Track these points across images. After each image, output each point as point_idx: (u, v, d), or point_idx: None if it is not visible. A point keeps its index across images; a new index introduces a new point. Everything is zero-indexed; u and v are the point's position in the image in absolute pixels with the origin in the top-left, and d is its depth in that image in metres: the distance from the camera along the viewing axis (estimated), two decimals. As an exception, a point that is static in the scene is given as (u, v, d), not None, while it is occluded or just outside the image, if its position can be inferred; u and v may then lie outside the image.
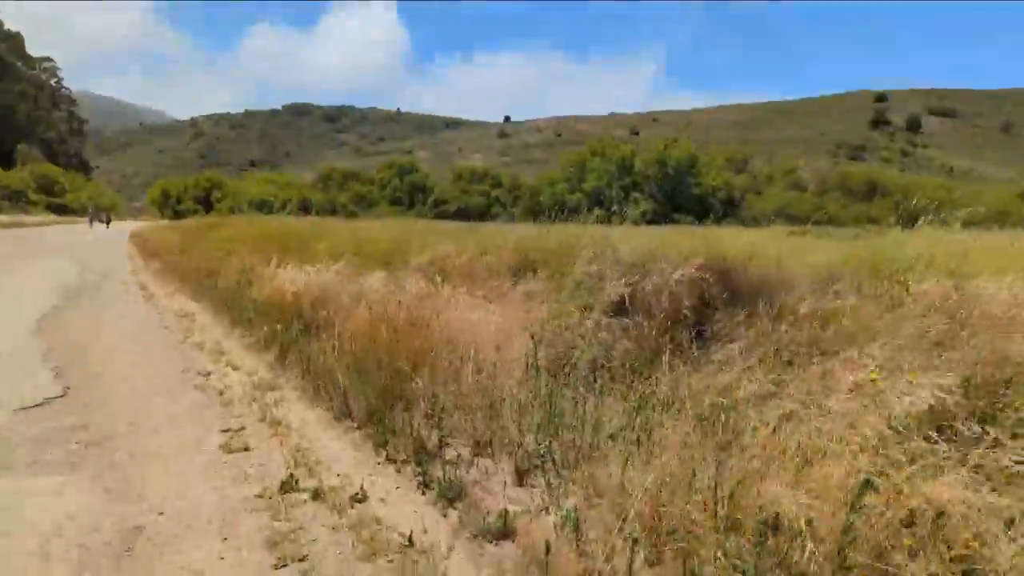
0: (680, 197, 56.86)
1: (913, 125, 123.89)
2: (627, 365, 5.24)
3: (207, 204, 52.13)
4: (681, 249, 8.62)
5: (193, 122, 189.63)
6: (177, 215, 49.17)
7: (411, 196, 65.42)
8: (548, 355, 5.15)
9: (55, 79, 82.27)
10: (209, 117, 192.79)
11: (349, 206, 57.07)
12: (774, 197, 58.90)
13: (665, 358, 5.24)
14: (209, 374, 5.60)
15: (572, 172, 62.37)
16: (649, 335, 5.54)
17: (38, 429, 4.01)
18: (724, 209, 58.16)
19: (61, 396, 4.73)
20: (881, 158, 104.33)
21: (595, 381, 4.92)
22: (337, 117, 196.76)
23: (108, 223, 41.81)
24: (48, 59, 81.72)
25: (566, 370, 5.10)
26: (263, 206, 47.48)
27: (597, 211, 56.23)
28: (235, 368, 5.86)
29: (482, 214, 60.17)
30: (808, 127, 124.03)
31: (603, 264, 7.38)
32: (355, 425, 4.23)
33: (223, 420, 4.40)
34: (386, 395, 4.27)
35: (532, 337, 4.56)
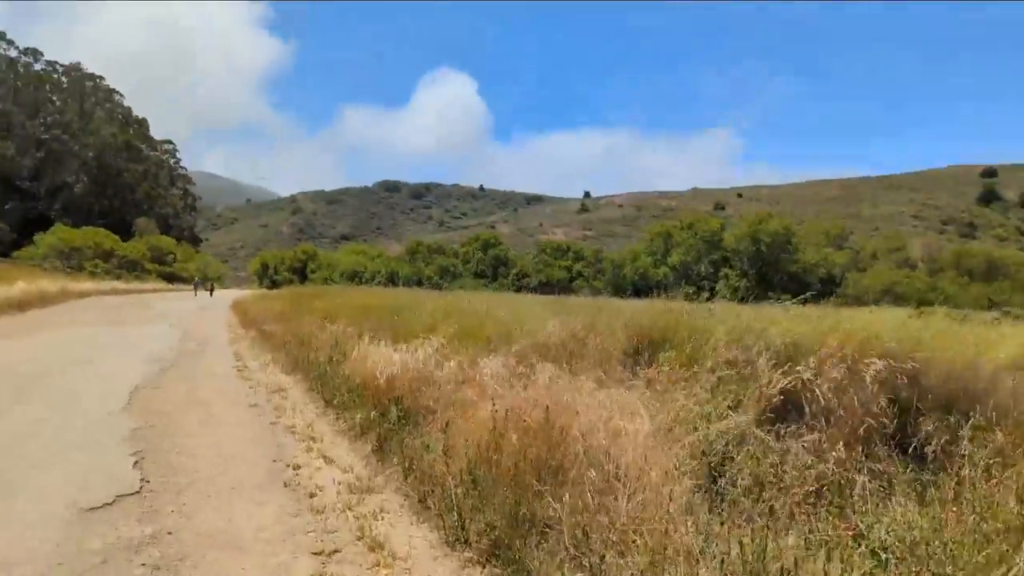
0: (774, 274, 54.20)
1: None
2: (811, 488, 4.12)
3: (302, 275, 54.37)
4: (827, 333, 7.43)
5: (293, 198, 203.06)
6: (274, 284, 51.41)
7: (494, 269, 66.02)
8: (692, 465, 4.15)
9: (173, 159, 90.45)
10: (307, 193, 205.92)
11: (434, 278, 58.05)
12: (880, 275, 55.06)
13: (863, 481, 4.10)
14: (299, 468, 4.89)
15: (657, 245, 61.20)
16: (832, 447, 4.39)
17: (101, 542, 3.34)
18: (824, 288, 55.04)
19: (136, 492, 4.10)
20: (995, 236, 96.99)
21: (760, 505, 3.86)
22: (424, 193, 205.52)
23: (212, 291, 44.06)
24: (168, 142, 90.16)
25: (720, 485, 4.06)
26: (354, 276, 49.00)
27: (685, 287, 54.54)
28: (328, 461, 5.13)
29: (564, 288, 59.54)
30: (911, 203, 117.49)
31: (747, 350, 6.33)
32: (475, 557, 3.32)
33: (314, 536, 3.61)
34: (515, 520, 3.36)
35: (704, 455, 3.57)
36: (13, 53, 68.09)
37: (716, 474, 4.24)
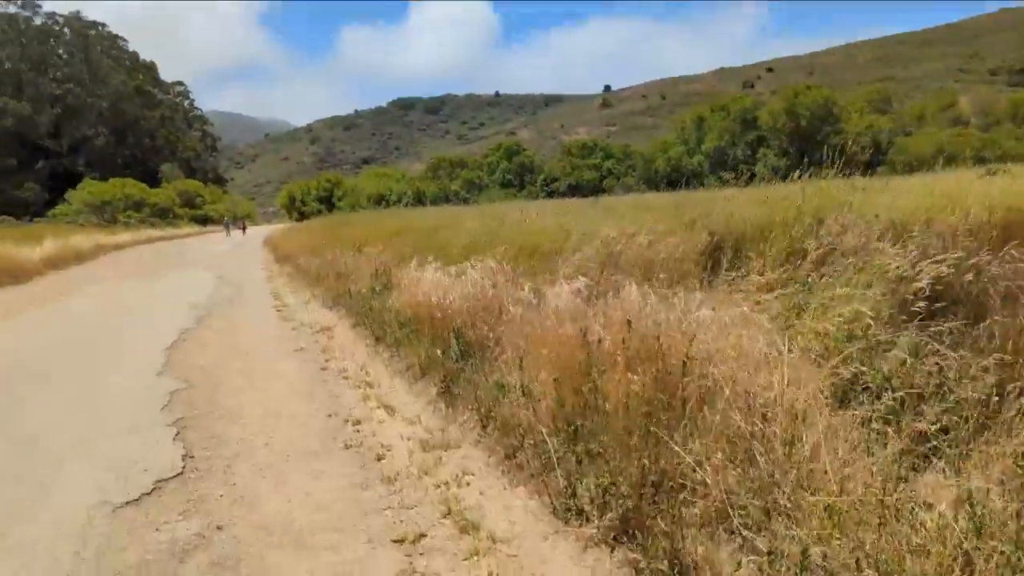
0: (816, 149, 51.17)
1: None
2: (989, 399, 3.28)
3: (329, 203, 53.68)
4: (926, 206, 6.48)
5: (309, 128, 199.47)
6: (302, 216, 50.97)
7: (520, 177, 64.15)
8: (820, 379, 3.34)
9: (187, 101, 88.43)
10: (323, 121, 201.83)
11: (461, 193, 56.75)
12: (930, 137, 51.52)
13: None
14: (359, 423, 4.27)
15: (689, 133, 58.22)
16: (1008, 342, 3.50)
17: (138, 552, 2.74)
18: (872, 157, 51.84)
19: (178, 475, 3.52)
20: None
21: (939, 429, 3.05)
22: (439, 107, 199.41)
23: (244, 230, 43.92)
24: (180, 83, 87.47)
25: (860, 403, 3.26)
26: (380, 200, 48.15)
27: (723, 173, 52.02)
28: (390, 411, 4.49)
29: (595, 188, 57.61)
30: (954, 56, 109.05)
31: (858, 234, 5.40)
32: (598, 535, 2.62)
33: (391, 515, 2.98)
34: (644, 483, 2.63)
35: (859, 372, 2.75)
36: (12, 8, 65.90)
37: (851, 388, 3.45)
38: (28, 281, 14.05)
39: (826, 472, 2.38)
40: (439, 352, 5.08)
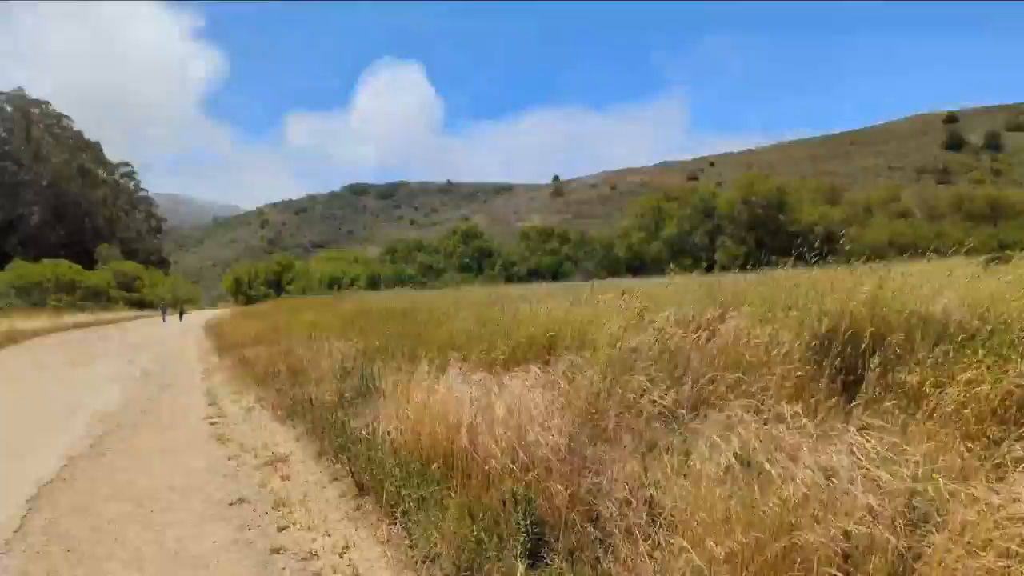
0: (772, 237, 51.91)
1: (992, 143, 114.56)
2: None
3: (278, 287, 50.87)
4: None
5: (260, 212, 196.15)
6: (249, 300, 47.87)
7: (478, 261, 63.02)
8: None
9: (133, 182, 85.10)
10: (273, 205, 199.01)
11: (417, 277, 54.88)
12: (881, 228, 53.21)
13: None
14: None
15: (648, 220, 58.62)
16: None
17: None
18: (825, 246, 52.55)
19: None
20: (971, 180, 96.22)
21: None
22: (391, 193, 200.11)
23: (182, 315, 40.32)
24: (126, 164, 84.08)
25: None
26: (333, 284, 45.69)
27: (684, 260, 51.93)
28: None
29: (554, 274, 56.65)
30: (881, 155, 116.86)
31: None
32: None
33: None
34: None
35: None
36: (-54, 85, 62.94)
37: None
38: None
39: None
40: (491, 536, 2.96)
